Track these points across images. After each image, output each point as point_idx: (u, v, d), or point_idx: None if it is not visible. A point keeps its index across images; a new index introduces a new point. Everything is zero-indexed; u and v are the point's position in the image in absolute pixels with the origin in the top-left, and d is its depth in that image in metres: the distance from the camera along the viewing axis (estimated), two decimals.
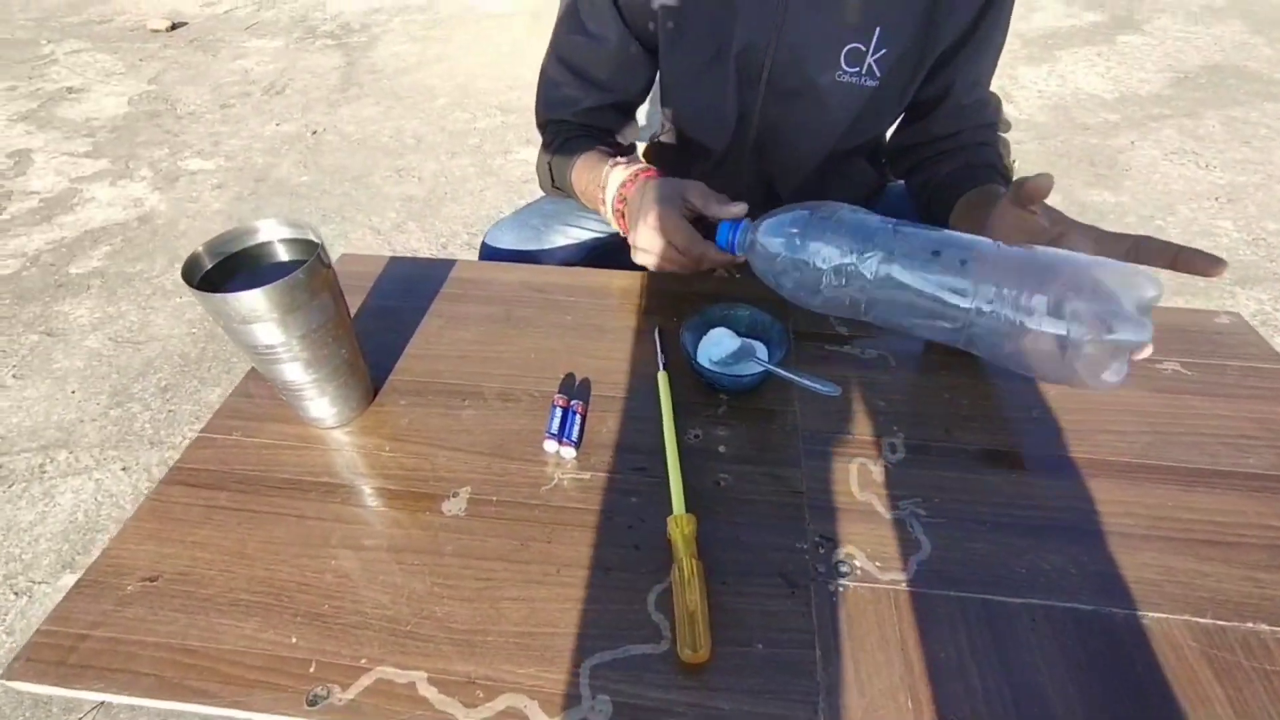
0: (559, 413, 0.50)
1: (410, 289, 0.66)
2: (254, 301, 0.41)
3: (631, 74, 0.72)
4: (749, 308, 0.55)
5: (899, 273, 0.46)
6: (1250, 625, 0.37)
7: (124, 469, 1.19)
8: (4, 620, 0.97)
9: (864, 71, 0.64)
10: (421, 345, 0.60)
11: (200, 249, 0.44)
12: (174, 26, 3.39)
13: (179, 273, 0.45)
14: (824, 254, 0.48)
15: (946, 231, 0.48)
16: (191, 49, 3.16)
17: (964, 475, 0.47)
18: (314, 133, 2.40)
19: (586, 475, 0.48)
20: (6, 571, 1.03)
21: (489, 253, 0.81)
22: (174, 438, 1.25)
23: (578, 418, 0.50)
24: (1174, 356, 0.56)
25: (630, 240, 0.62)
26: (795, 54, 0.64)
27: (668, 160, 0.87)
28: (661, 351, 0.56)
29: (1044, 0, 3.35)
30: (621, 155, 0.71)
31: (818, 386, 0.48)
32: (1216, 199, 1.80)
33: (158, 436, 1.25)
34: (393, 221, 1.90)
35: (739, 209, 0.57)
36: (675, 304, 0.62)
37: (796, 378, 0.49)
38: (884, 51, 0.63)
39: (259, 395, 0.55)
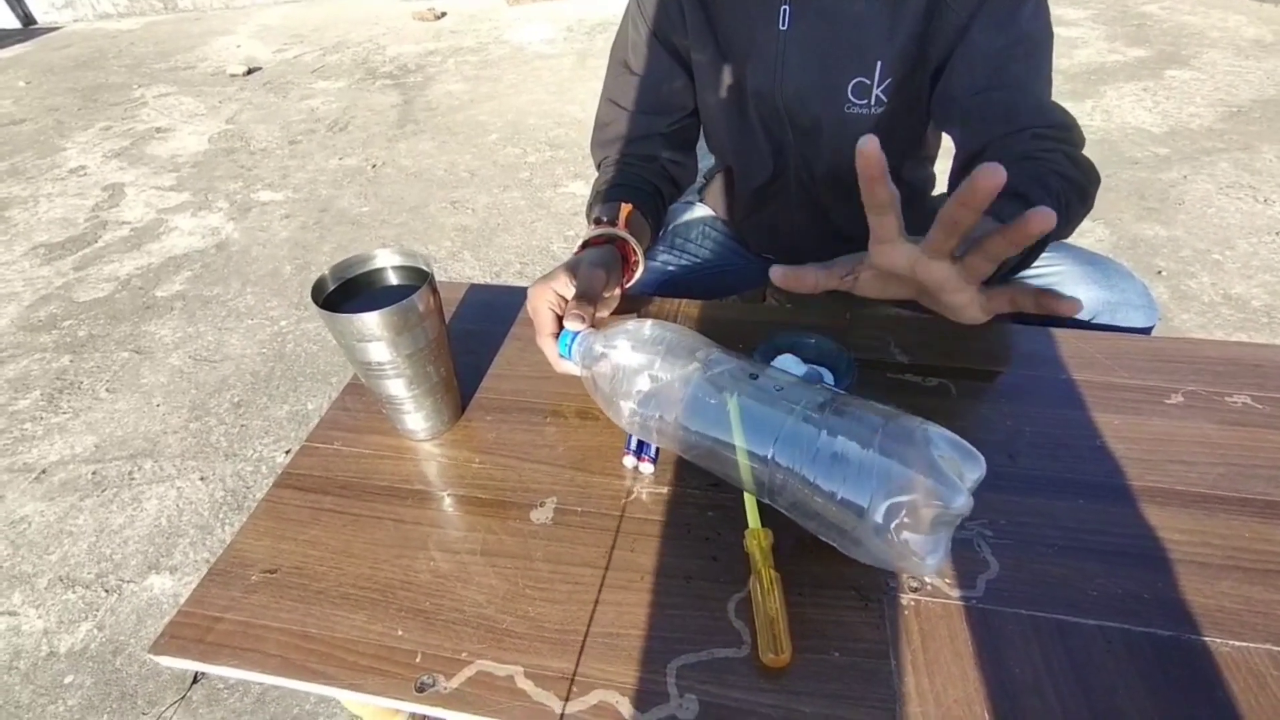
0: None
1: (490, 314, 0.71)
2: (371, 323, 0.46)
3: (677, 101, 0.77)
4: (816, 335, 0.58)
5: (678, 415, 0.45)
6: None
7: (202, 479, 1.27)
8: (96, 616, 1.04)
9: (873, 102, 0.67)
10: (504, 366, 0.64)
11: (326, 272, 0.50)
12: (249, 71, 3.67)
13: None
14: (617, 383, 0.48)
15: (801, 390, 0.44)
16: (264, 91, 3.40)
17: (1028, 499, 0.48)
18: (373, 166, 2.54)
19: (664, 490, 0.51)
20: (99, 570, 1.10)
21: None
22: (246, 451, 1.32)
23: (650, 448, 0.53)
24: (1245, 390, 0.56)
25: None
26: (801, 96, 0.68)
27: (718, 197, 0.92)
28: None
29: (1087, 37, 3.35)
30: (640, 203, 0.72)
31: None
32: (1277, 233, 1.76)
33: (231, 449, 1.33)
34: (448, 250, 1.99)
35: (577, 324, 0.53)
36: (746, 332, 0.65)
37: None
38: (889, 81, 0.66)
39: (355, 409, 0.60)
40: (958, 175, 0.71)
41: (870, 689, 0.38)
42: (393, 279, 0.53)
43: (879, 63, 0.66)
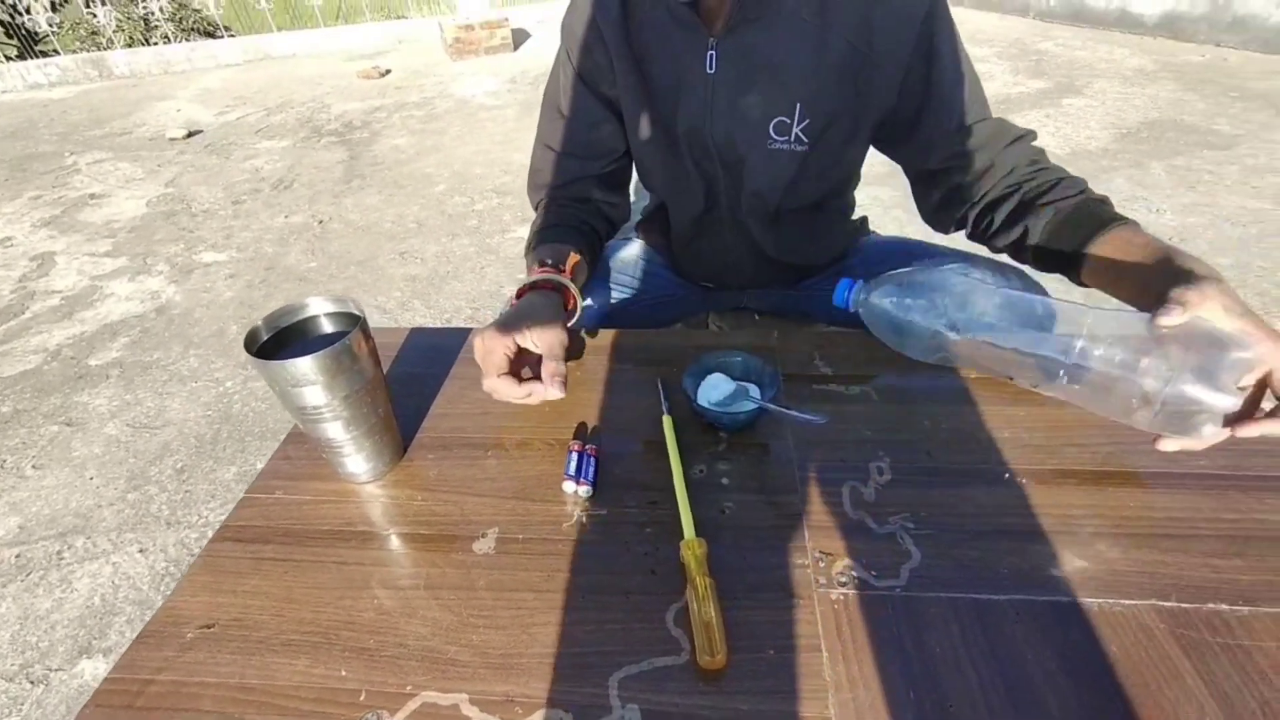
0: (575, 456, 0.55)
1: (431, 356, 0.72)
2: (305, 367, 0.47)
3: (606, 146, 0.82)
4: (741, 354, 0.61)
5: (995, 338, 0.53)
6: (1211, 606, 0.42)
7: (141, 551, 1.21)
8: (21, 710, 0.97)
9: (792, 139, 0.73)
10: (444, 405, 0.65)
11: (260, 323, 0.51)
12: (190, 134, 3.64)
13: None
14: (927, 318, 0.56)
15: (1044, 300, 0.54)
16: (206, 153, 3.38)
17: (946, 491, 0.51)
18: (320, 222, 2.54)
19: (604, 511, 0.52)
20: (23, 660, 1.03)
21: None
22: (191, 517, 1.27)
23: (592, 459, 0.55)
24: None
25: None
26: (729, 132, 0.74)
27: (656, 232, 0.96)
28: (665, 399, 0.62)
29: (994, 71, 3.64)
30: (576, 245, 0.77)
31: (806, 417, 0.54)
32: (1170, 240, 1.91)
33: (174, 517, 1.28)
34: (398, 300, 1.99)
35: (558, 390, 0.57)
36: (676, 356, 0.68)
37: (785, 411, 0.55)
38: (808, 121, 0.72)
39: (297, 457, 0.60)
40: (943, 208, 0.76)
41: (804, 681, 0.40)
42: (326, 326, 0.54)
43: (798, 104, 0.71)
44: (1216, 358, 0.44)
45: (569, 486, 0.54)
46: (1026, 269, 0.73)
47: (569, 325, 0.68)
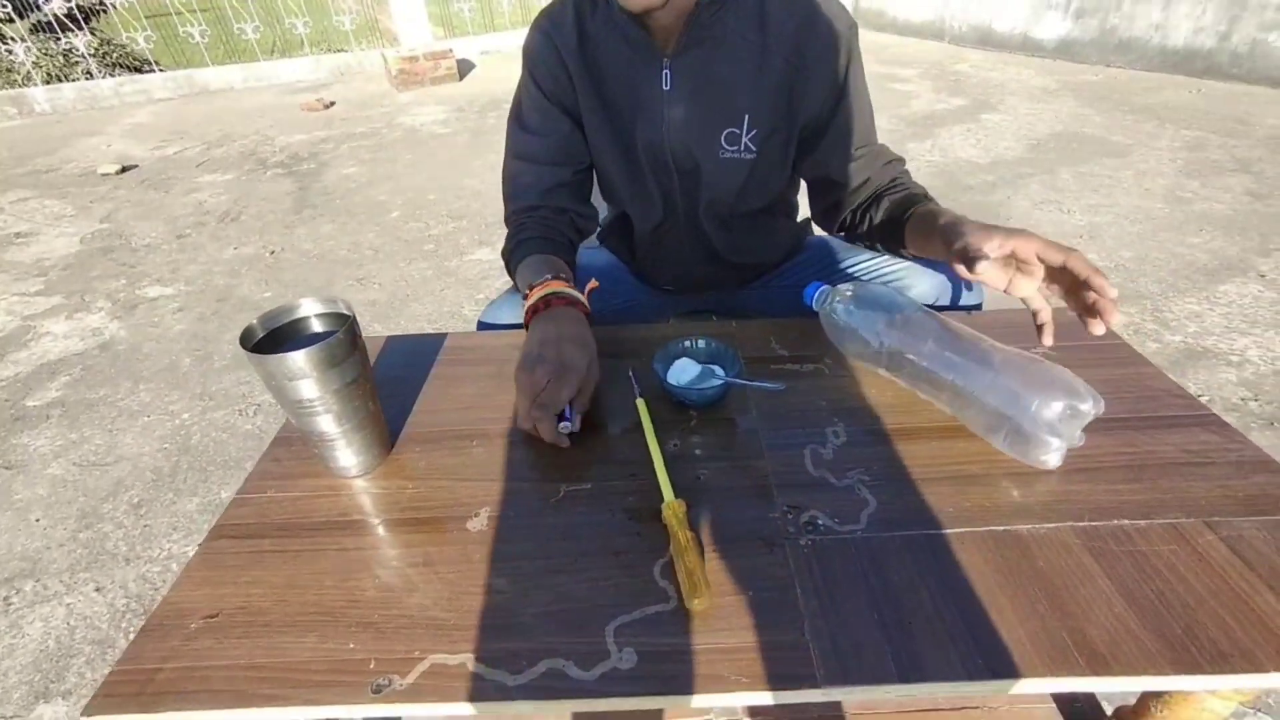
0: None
1: (410, 361, 0.75)
2: (300, 360, 0.50)
3: (575, 154, 0.87)
4: (705, 338, 0.67)
5: (915, 357, 0.61)
6: (1115, 522, 0.48)
7: (97, 589, 1.17)
8: None
9: (742, 148, 0.80)
10: (428, 404, 0.68)
11: (255, 322, 0.53)
12: (124, 169, 3.52)
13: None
14: (871, 332, 0.63)
15: (958, 329, 0.61)
16: (143, 188, 3.27)
17: (893, 448, 0.58)
18: (272, 252, 2.50)
19: (588, 485, 0.56)
20: None
21: (485, 330, 0.91)
22: (151, 551, 1.23)
23: (574, 411, 0.59)
24: (1032, 343, 0.70)
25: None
26: (684, 144, 0.81)
27: (618, 239, 1.02)
28: (636, 384, 0.66)
29: (918, 90, 3.90)
30: (565, 258, 0.81)
31: (767, 385, 0.59)
32: (1080, 236, 2.11)
33: (134, 553, 1.23)
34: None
35: (561, 440, 0.58)
36: (644, 348, 0.73)
37: (748, 382, 0.60)
38: (755, 131, 0.79)
39: (285, 458, 0.62)
40: (830, 212, 0.88)
41: (781, 615, 0.44)
42: (317, 326, 0.57)
43: (746, 116, 0.79)
44: (1060, 405, 0.51)
45: (563, 426, 0.57)
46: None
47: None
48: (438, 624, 0.46)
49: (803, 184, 0.95)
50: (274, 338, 0.54)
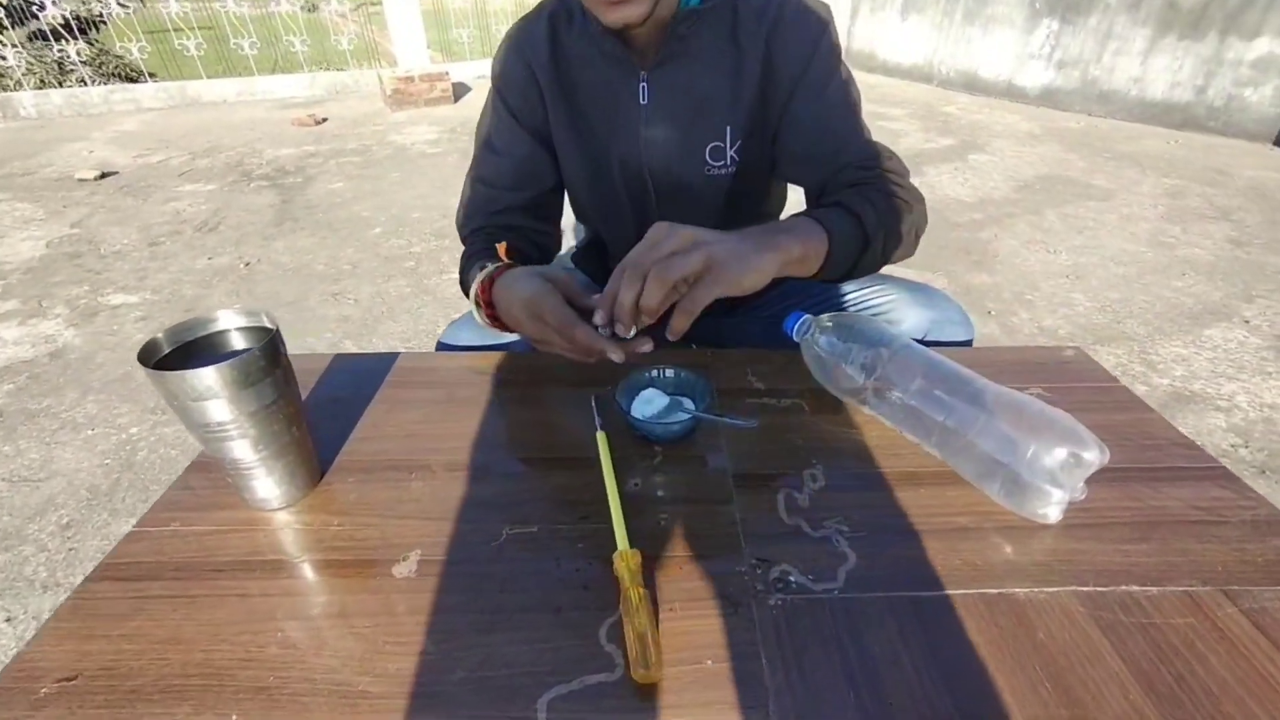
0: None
1: (356, 381, 0.69)
2: (208, 378, 0.44)
3: (539, 178, 0.82)
4: (674, 368, 0.62)
5: (901, 395, 0.55)
6: (1124, 588, 0.43)
7: (8, 620, 1.06)
8: None
9: (728, 162, 0.76)
10: (368, 429, 0.62)
11: (160, 335, 0.47)
12: (102, 176, 3.45)
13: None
14: (854, 366, 0.58)
15: (950, 367, 0.55)
16: (120, 195, 3.20)
17: (876, 494, 0.52)
18: (247, 264, 2.43)
19: (534, 528, 0.50)
20: None
21: (443, 350, 0.85)
22: (73, 578, 1.14)
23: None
24: (1036, 384, 0.65)
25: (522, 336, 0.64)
26: (664, 162, 0.77)
27: (593, 262, 0.97)
28: (598, 415, 0.61)
29: (906, 129, 3.97)
30: (533, 260, 0.79)
31: (739, 423, 0.54)
32: (1067, 277, 2.10)
33: (53, 579, 1.14)
34: (329, 342, 1.91)
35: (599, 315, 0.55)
36: (608, 376, 0.68)
37: (719, 418, 0.55)
38: (740, 142, 0.75)
39: (200, 487, 0.55)
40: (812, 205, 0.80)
41: (744, 691, 0.38)
42: (237, 342, 0.51)
43: (728, 128, 0.75)
44: (1062, 452, 0.46)
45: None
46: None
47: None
48: (343, 691, 0.39)
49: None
50: (185, 353, 0.48)
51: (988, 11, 4.77)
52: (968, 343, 0.80)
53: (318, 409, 0.65)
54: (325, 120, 4.73)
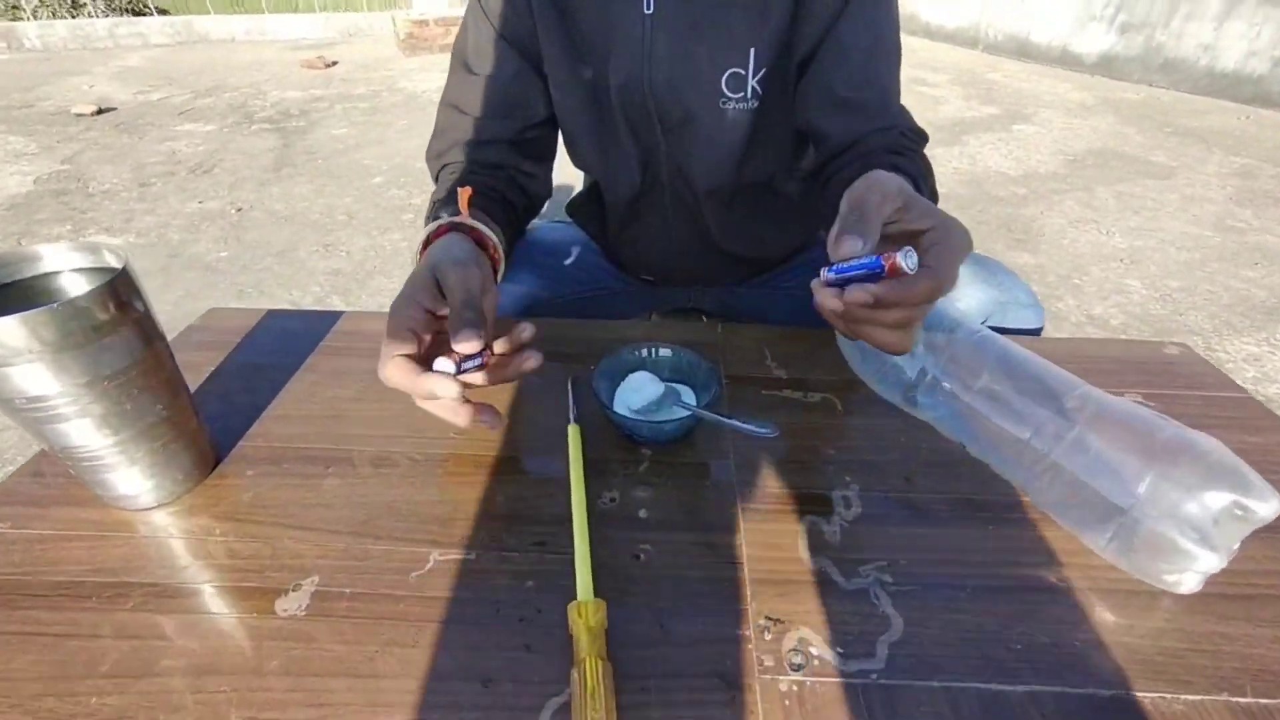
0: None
1: (287, 344, 0.56)
2: (11, 332, 0.31)
3: (525, 105, 0.68)
4: (672, 347, 0.48)
5: (967, 397, 0.42)
6: None
7: None
8: None
9: (748, 94, 0.61)
10: (287, 405, 0.50)
11: None
12: (100, 111, 3.32)
13: None
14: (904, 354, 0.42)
15: (1035, 363, 0.42)
16: (116, 132, 3.08)
17: (933, 531, 0.39)
18: (238, 210, 2.31)
19: (472, 555, 0.37)
20: None
21: None
22: None
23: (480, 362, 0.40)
24: (1132, 388, 0.51)
25: None
26: (672, 87, 0.61)
27: (591, 214, 0.82)
28: (573, 403, 0.48)
29: (947, 95, 3.70)
30: (518, 208, 0.65)
31: (752, 429, 0.41)
32: (1121, 260, 1.91)
33: None
34: (315, 295, 1.80)
35: (470, 343, 0.39)
36: (595, 351, 0.54)
37: (727, 420, 0.42)
38: (765, 71, 0.60)
39: (52, 474, 0.43)
40: (819, 168, 0.64)
41: None
42: (78, 285, 0.38)
43: (752, 50, 0.59)
44: (1225, 499, 0.32)
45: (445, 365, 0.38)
46: None
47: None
48: None
49: None
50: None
51: None
52: (1036, 331, 0.65)
53: (230, 377, 0.53)
54: (335, 63, 4.54)
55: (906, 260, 0.33)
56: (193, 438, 0.41)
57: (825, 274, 0.36)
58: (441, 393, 0.37)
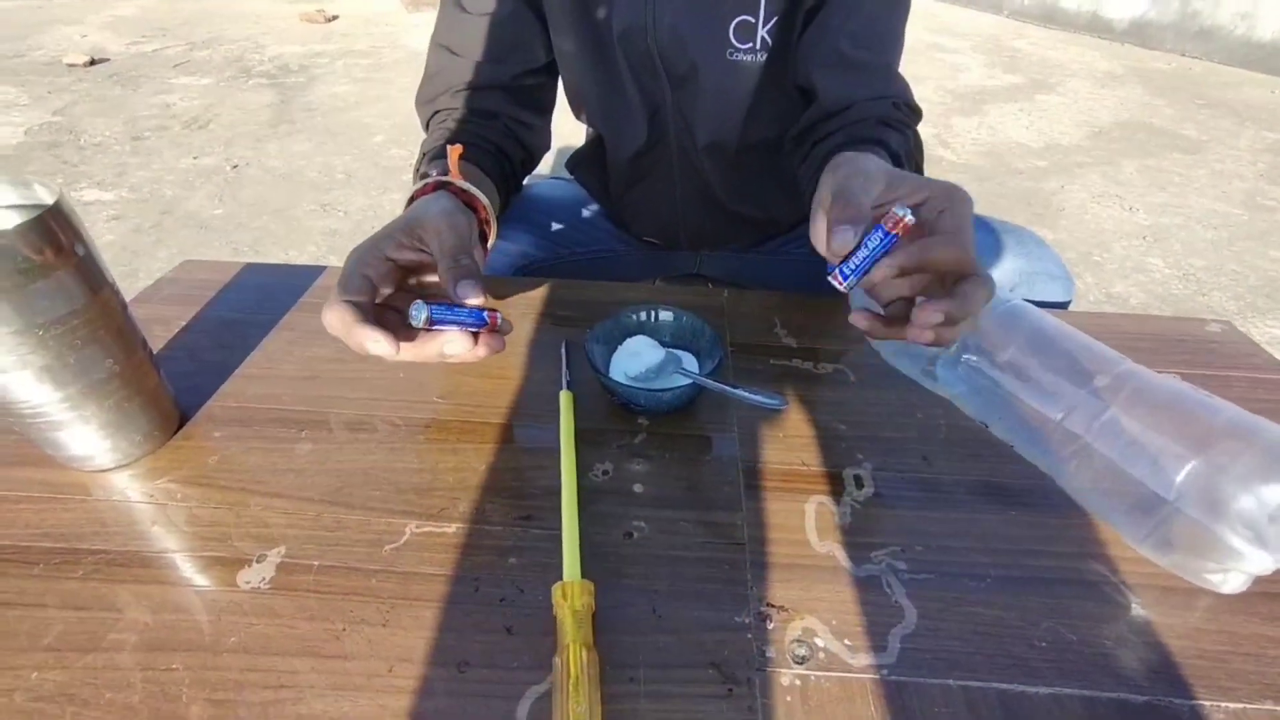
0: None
1: (264, 300, 0.53)
2: None
3: (522, 48, 0.63)
4: (673, 310, 0.45)
5: (993, 372, 0.38)
6: None
7: None
8: None
9: (758, 44, 0.56)
10: (261, 364, 0.46)
11: None
12: (93, 62, 3.23)
13: None
14: None
15: (1069, 335, 0.38)
16: (109, 83, 2.99)
17: (951, 515, 0.36)
18: (234, 166, 2.25)
19: (450, 528, 0.34)
20: None
21: None
22: None
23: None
24: (1172, 367, 0.48)
25: None
26: (677, 35, 0.57)
27: (593, 171, 0.78)
28: (567, 368, 0.44)
29: (968, 63, 3.57)
30: (514, 161, 0.61)
31: (758, 399, 0.37)
32: (1144, 238, 1.85)
33: None
34: (311, 255, 1.75)
35: (472, 292, 0.34)
36: (593, 314, 0.51)
37: (731, 389, 0.38)
38: (775, 20, 0.55)
39: (5, 432, 0.40)
40: (804, 130, 0.58)
41: None
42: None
43: None
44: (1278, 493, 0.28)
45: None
46: None
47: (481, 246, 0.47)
48: None
49: None
50: None
51: None
52: (1065, 305, 0.61)
53: (202, 333, 0.49)
54: (336, 18, 4.39)
55: (905, 214, 0.31)
56: (152, 395, 0.38)
57: (839, 281, 0.33)
58: (375, 351, 0.33)
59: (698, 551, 0.33)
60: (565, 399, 0.41)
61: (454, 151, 0.48)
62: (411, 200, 0.47)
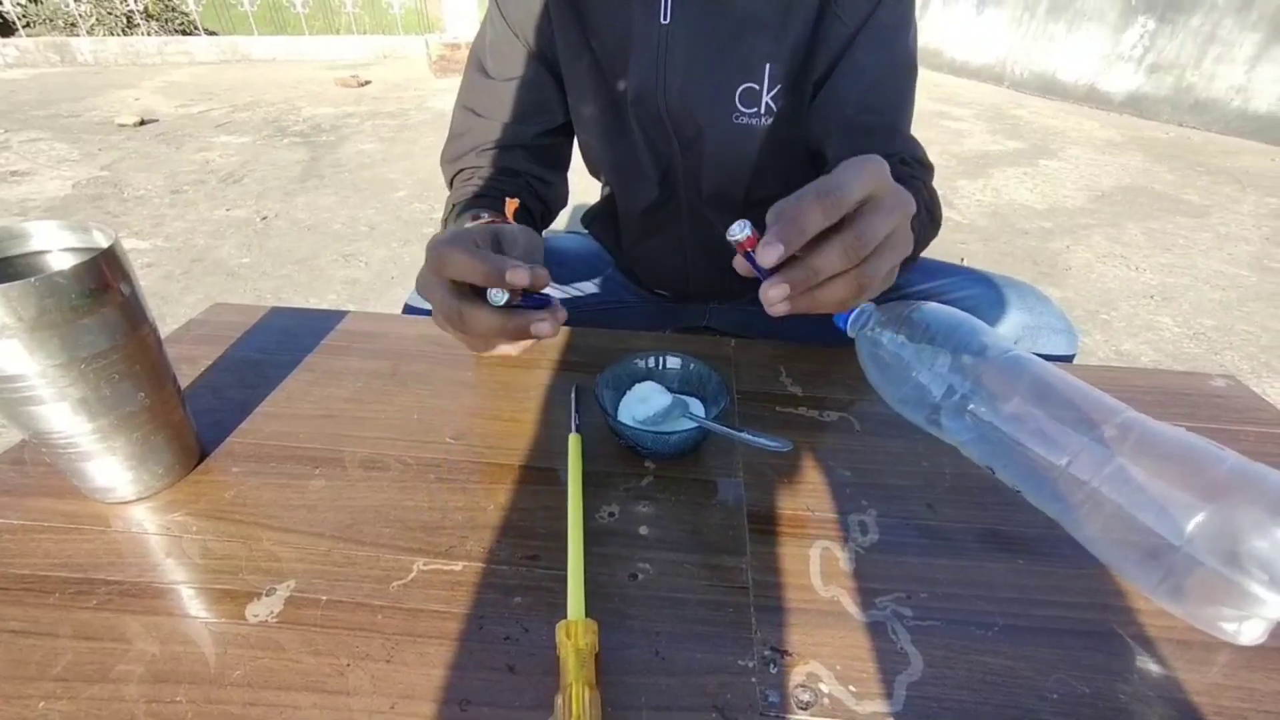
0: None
1: (286, 341, 0.55)
2: None
3: (541, 109, 0.67)
4: (680, 356, 0.46)
5: (996, 421, 0.38)
6: None
7: None
8: None
9: (762, 111, 0.60)
10: (280, 403, 0.48)
11: None
12: (143, 122, 3.44)
13: None
14: (929, 372, 0.41)
15: (1073, 386, 0.38)
16: (156, 142, 3.18)
17: (958, 562, 0.36)
18: (264, 218, 2.35)
19: (458, 566, 0.35)
20: None
21: (410, 313, 0.71)
22: None
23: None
24: (1177, 419, 0.47)
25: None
26: (685, 101, 0.60)
27: (606, 225, 0.81)
28: (576, 412, 0.46)
29: (972, 129, 3.70)
30: (535, 215, 0.65)
31: (764, 442, 0.38)
32: (1151, 297, 1.86)
33: None
34: (331, 303, 1.81)
35: (538, 279, 0.40)
36: (602, 360, 0.52)
37: (737, 433, 0.39)
38: (779, 87, 0.59)
39: (34, 462, 0.41)
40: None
41: None
42: (59, 264, 0.37)
43: (768, 65, 0.58)
44: None
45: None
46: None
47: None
48: None
49: None
50: None
51: (1076, 6, 4.42)
52: (1069, 358, 0.62)
53: (226, 372, 0.51)
54: (368, 83, 4.67)
55: (740, 232, 0.38)
56: (176, 430, 0.40)
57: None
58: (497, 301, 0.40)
59: (702, 594, 0.33)
60: (574, 442, 0.42)
61: (511, 204, 0.54)
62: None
